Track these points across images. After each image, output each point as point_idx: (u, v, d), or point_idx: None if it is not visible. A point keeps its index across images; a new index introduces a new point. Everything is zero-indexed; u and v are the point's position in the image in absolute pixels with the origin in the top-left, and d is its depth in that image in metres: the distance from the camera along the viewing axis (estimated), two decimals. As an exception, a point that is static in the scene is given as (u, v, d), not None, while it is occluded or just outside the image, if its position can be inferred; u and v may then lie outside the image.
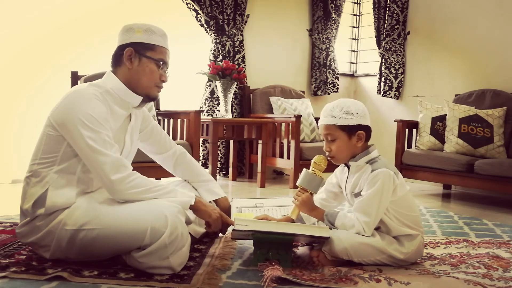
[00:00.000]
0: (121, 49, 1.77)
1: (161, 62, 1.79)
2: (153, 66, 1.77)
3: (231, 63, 4.10)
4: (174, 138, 3.71)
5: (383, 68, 4.98)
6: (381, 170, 1.73)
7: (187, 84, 4.30)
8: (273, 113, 4.40)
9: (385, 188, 1.73)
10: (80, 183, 1.71)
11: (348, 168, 1.86)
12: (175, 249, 1.58)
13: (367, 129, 1.81)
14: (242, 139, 4.30)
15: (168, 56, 1.84)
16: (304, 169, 1.86)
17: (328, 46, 5.05)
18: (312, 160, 1.86)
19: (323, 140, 1.85)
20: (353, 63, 5.61)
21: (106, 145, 1.63)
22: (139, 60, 1.76)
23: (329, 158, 1.84)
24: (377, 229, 1.80)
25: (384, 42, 4.92)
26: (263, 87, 4.63)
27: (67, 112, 1.65)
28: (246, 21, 4.55)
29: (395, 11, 4.84)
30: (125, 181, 1.63)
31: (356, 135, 1.79)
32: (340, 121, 1.77)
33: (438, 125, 3.99)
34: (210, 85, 4.39)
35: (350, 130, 1.78)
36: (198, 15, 4.29)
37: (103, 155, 1.62)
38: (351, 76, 5.56)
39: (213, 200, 2.09)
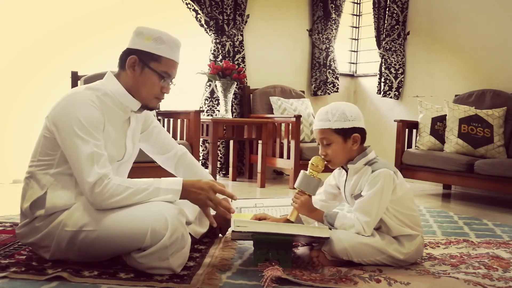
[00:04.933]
0: (127, 54, 1.73)
1: (165, 75, 1.73)
2: (155, 79, 1.73)
3: (231, 63, 4.11)
4: (174, 138, 3.70)
5: (383, 68, 4.98)
6: (381, 170, 1.74)
7: (187, 84, 4.30)
8: (273, 113, 4.40)
9: (385, 188, 1.73)
10: (78, 185, 1.68)
11: (346, 171, 1.86)
12: (175, 250, 1.58)
13: (362, 132, 1.81)
14: (242, 139, 4.30)
15: (176, 68, 1.76)
16: (302, 171, 1.85)
17: (328, 46, 5.05)
18: (309, 162, 1.85)
19: (319, 144, 1.84)
20: (353, 63, 5.61)
21: (93, 157, 1.59)
22: (141, 70, 1.72)
23: (325, 162, 1.84)
24: (377, 229, 1.80)
25: (384, 42, 4.91)
26: (263, 87, 4.63)
27: (59, 117, 1.63)
28: (246, 21, 4.55)
29: (395, 11, 4.84)
30: (101, 192, 1.58)
31: (351, 138, 1.78)
32: (335, 124, 1.77)
33: (438, 125, 3.99)
34: (210, 85, 4.39)
35: (345, 133, 1.77)
36: (198, 15, 4.29)
37: (86, 167, 1.58)
38: (351, 76, 5.56)
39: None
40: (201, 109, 4.35)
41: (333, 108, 1.79)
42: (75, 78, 3.44)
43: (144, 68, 1.72)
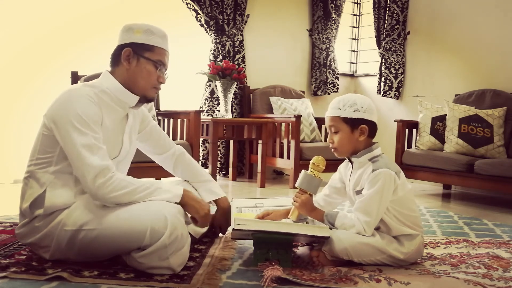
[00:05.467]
0: (119, 49, 1.76)
1: (159, 64, 1.77)
2: (151, 68, 1.76)
3: (231, 63, 4.11)
4: (174, 138, 3.71)
5: (383, 68, 4.98)
6: (381, 170, 1.74)
7: (187, 84, 4.30)
8: (273, 113, 4.40)
9: (386, 188, 1.73)
10: (78, 183, 1.69)
11: (352, 164, 1.87)
12: (175, 250, 1.58)
13: (371, 125, 1.82)
14: (242, 139, 4.30)
15: (167, 58, 1.82)
16: (303, 171, 1.86)
17: (328, 46, 5.05)
18: (311, 161, 1.87)
19: (329, 132, 1.87)
20: (353, 63, 5.61)
21: (93, 149, 1.60)
22: (137, 61, 1.75)
23: (332, 150, 1.86)
24: (377, 229, 1.80)
25: (384, 42, 4.91)
26: (263, 87, 4.63)
27: (57, 113, 1.64)
28: (246, 21, 4.55)
29: (395, 11, 4.84)
30: (105, 185, 1.59)
31: (359, 129, 1.80)
32: (344, 113, 1.79)
33: (438, 125, 3.99)
34: (210, 85, 4.39)
35: (353, 123, 1.79)
36: (198, 15, 4.29)
37: (87, 159, 1.59)
38: (351, 76, 5.56)
39: (213, 200, 2.08)
40: (201, 109, 4.35)
41: (346, 98, 1.83)
42: (75, 78, 3.44)
43: (140, 59, 1.75)
